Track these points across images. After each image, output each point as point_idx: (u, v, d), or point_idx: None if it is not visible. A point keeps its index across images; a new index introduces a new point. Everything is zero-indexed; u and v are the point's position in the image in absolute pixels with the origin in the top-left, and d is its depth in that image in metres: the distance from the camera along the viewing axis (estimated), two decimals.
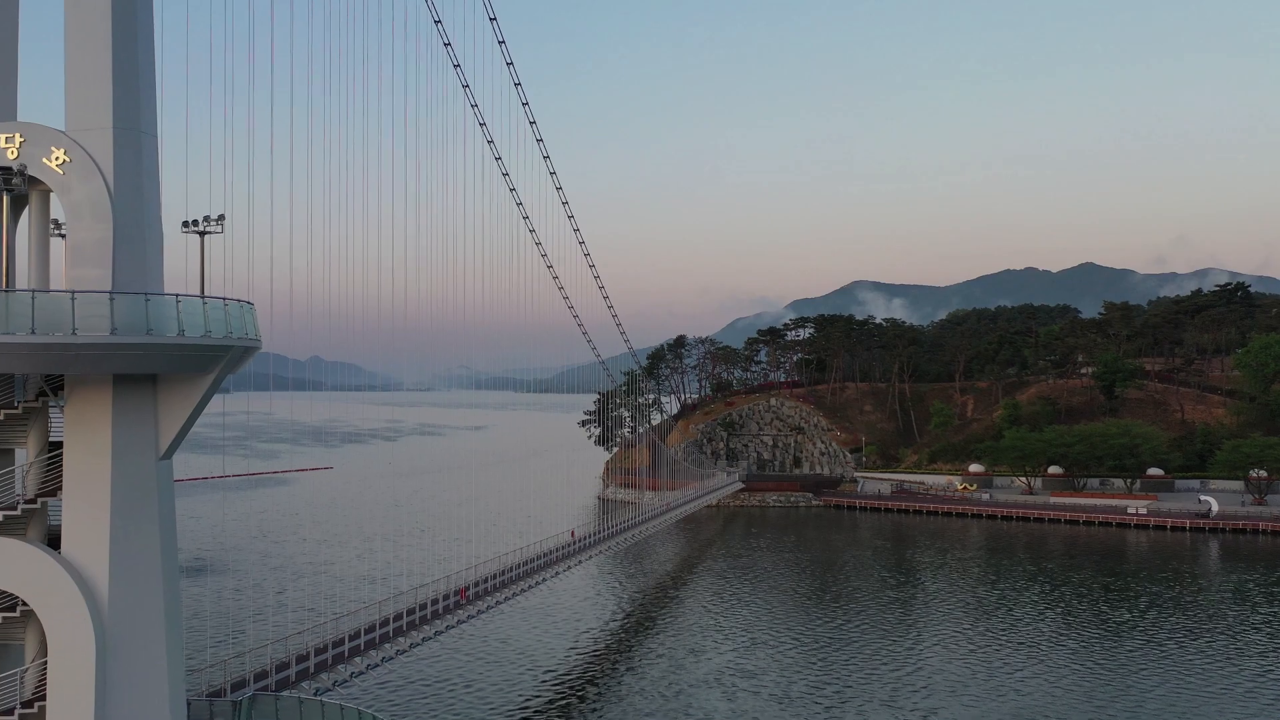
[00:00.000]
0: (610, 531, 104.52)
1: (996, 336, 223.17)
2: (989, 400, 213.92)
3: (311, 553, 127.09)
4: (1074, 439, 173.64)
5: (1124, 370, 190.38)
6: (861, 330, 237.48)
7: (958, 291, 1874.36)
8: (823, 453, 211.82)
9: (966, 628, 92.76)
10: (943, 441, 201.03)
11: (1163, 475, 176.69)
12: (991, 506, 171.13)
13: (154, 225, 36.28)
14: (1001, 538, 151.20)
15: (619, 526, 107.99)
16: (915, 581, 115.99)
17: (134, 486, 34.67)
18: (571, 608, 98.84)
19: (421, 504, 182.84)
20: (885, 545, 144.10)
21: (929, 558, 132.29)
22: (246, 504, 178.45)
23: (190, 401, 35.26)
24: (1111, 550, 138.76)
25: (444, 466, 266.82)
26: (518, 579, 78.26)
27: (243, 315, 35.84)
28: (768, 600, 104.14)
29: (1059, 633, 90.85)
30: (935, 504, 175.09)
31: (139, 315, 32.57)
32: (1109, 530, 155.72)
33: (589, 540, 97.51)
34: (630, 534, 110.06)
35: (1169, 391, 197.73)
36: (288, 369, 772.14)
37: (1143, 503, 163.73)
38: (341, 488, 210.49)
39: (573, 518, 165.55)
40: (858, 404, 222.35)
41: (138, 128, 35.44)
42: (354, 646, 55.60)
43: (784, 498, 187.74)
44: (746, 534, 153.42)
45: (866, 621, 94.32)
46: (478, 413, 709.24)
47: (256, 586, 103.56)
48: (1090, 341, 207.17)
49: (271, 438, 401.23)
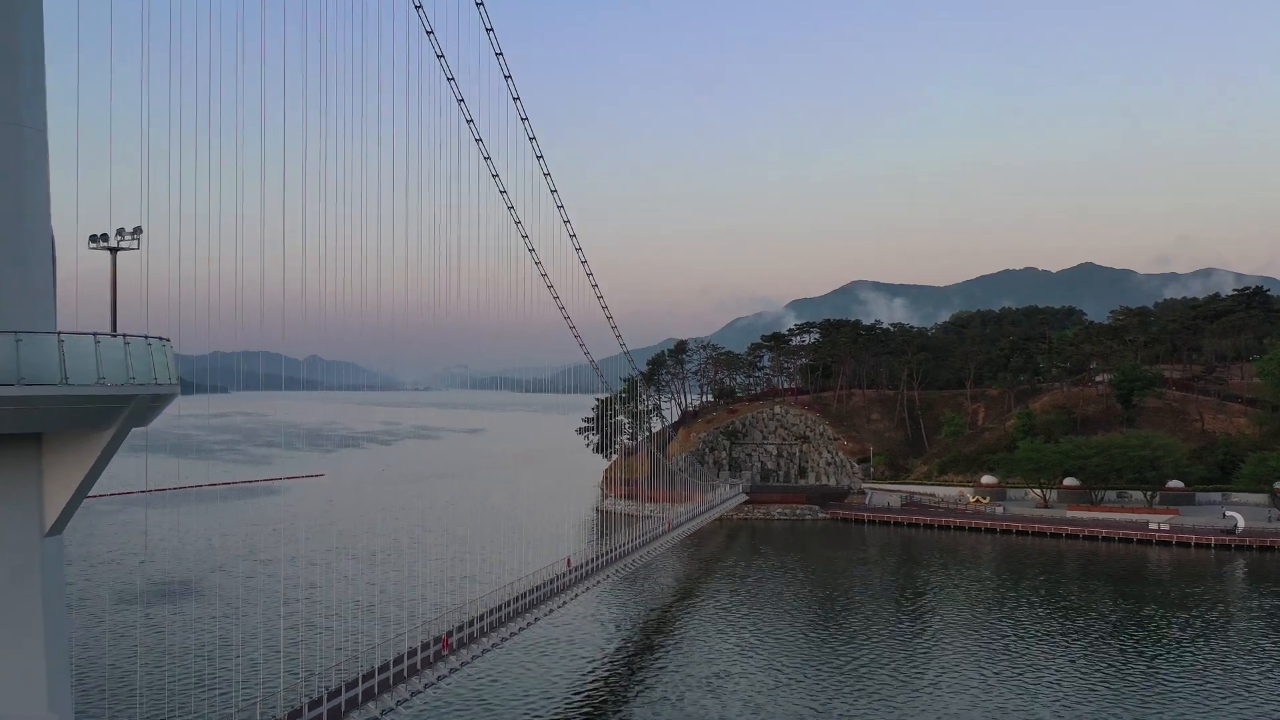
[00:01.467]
0: (608, 558, 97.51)
1: (1009, 342, 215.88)
2: (1001, 408, 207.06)
3: (288, 581, 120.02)
4: (1091, 451, 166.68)
5: (1142, 379, 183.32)
6: (869, 335, 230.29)
7: (958, 291, 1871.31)
8: (829, 463, 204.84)
9: (979, 655, 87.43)
10: (954, 452, 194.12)
11: (1183, 488, 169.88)
12: (1005, 521, 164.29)
13: (40, 241, 29.23)
14: (1016, 554, 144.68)
15: (618, 551, 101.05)
16: (926, 605, 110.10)
17: (10, 572, 27.68)
18: (566, 638, 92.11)
19: (413, 516, 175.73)
20: (894, 563, 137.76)
21: (940, 578, 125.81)
22: (234, 515, 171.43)
23: (84, 464, 28.21)
24: (1133, 569, 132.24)
25: (438, 473, 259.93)
26: (508, 620, 71.42)
27: (150, 356, 28.73)
28: (771, 629, 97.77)
29: (1078, 662, 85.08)
30: (946, 518, 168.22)
31: (8, 358, 25.59)
32: (1129, 547, 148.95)
33: (586, 570, 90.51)
34: (631, 559, 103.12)
35: (1188, 400, 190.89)
36: (287, 369, 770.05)
37: (1164, 518, 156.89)
38: (333, 497, 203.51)
39: (570, 533, 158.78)
40: (865, 412, 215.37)
41: (18, 120, 28.47)
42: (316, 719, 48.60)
43: (789, 510, 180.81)
44: (749, 551, 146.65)
45: (873, 655, 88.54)
46: (475, 414, 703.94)
47: (209, 631, 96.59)
48: (1106, 348, 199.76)
49: (265, 441, 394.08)
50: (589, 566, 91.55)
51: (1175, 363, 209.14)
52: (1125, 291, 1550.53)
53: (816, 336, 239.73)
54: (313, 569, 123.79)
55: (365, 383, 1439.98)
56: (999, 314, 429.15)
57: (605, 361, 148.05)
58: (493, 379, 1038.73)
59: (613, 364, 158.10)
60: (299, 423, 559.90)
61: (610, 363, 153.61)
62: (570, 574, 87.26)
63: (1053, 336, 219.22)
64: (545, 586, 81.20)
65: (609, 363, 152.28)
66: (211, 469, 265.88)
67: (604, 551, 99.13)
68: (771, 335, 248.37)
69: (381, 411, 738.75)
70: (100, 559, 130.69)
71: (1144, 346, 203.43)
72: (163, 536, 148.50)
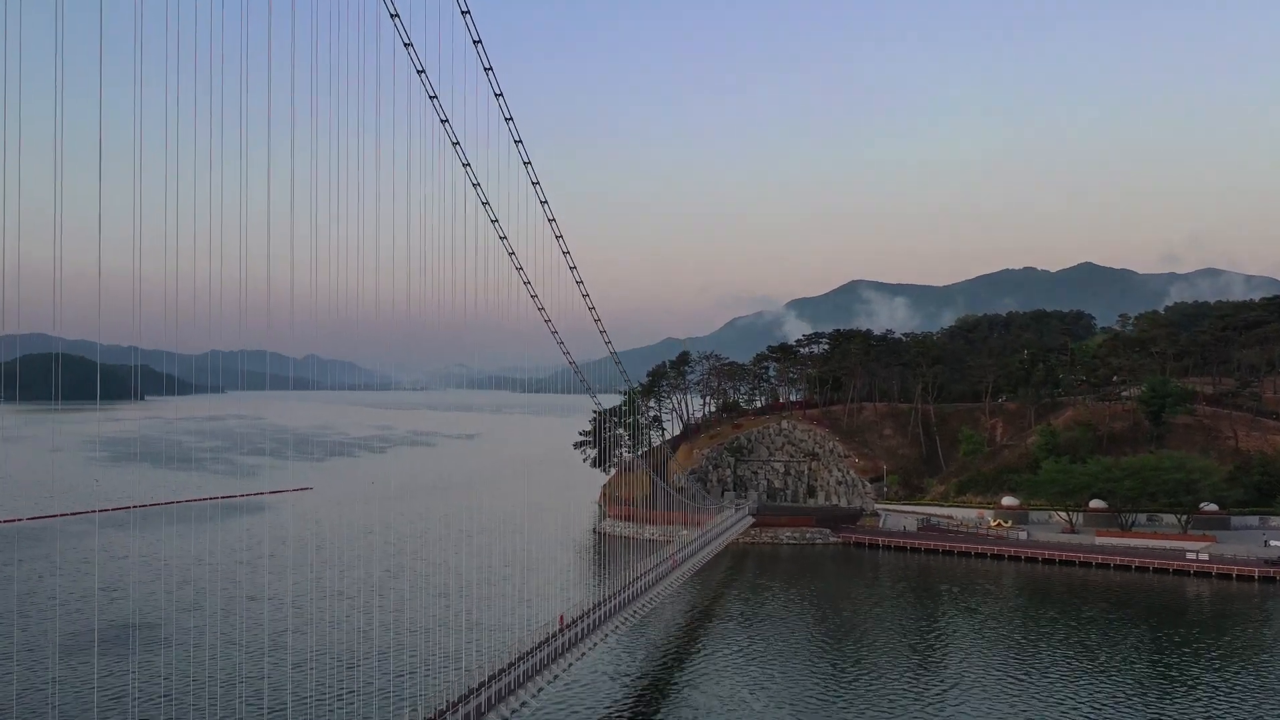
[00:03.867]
0: (606, 611, 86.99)
1: (1029, 354, 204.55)
2: (1020, 423, 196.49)
3: (250, 622, 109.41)
4: (1122, 473, 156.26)
5: (1174, 394, 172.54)
6: (881, 346, 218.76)
7: (959, 291, 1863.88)
8: (839, 481, 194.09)
9: (1002, 705, 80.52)
10: (972, 470, 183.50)
11: (1217, 511, 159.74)
12: (1030, 547, 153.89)
13: None
14: (1042, 585, 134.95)
15: (615, 603, 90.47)
16: (944, 646, 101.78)
17: None
18: (562, 681, 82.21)
19: (397, 540, 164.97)
20: (911, 595, 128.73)
21: (961, 617, 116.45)
22: (213, 537, 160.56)
23: None
24: (1170, 604, 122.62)
25: (429, 487, 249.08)
26: (493, 704, 61.14)
27: None
28: (782, 679, 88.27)
29: (1106, 710, 78.28)
30: (967, 544, 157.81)
31: None
32: (1165, 578, 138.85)
33: (580, 630, 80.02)
34: (631, 610, 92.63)
35: (1219, 416, 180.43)
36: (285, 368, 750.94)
37: (1201, 545, 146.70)
38: (317, 517, 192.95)
39: (566, 563, 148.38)
40: (876, 426, 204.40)
41: None
42: None
43: (798, 534, 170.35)
44: (756, 583, 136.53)
45: (890, 708, 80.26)
46: (471, 417, 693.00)
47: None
48: (1134, 362, 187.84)
49: (255, 449, 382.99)
50: (584, 625, 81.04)
51: (1204, 376, 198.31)
52: (1126, 292, 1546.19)
53: (825, 346, 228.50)
54: (277, 611, 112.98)
55: (363, 382, 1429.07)
56: (1006, 318, 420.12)
57: (599, 363, 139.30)
58: (490, 378, 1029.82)
59: (607, 365, 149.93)
60: (292, 427, 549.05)
61: (603, 365, 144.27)
62: (564, 634, 76.98)
63: (1074, 347, 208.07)
64: (537, 651, 70.95)
65: (598, 365, 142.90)
66: (196, 481, 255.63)
67: (601, 601, 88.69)
68: (779, 346, 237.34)
69: (377, 414, 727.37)
70: (70, 593, 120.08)
71: (1174, 360, 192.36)
72: (136, 564, 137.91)
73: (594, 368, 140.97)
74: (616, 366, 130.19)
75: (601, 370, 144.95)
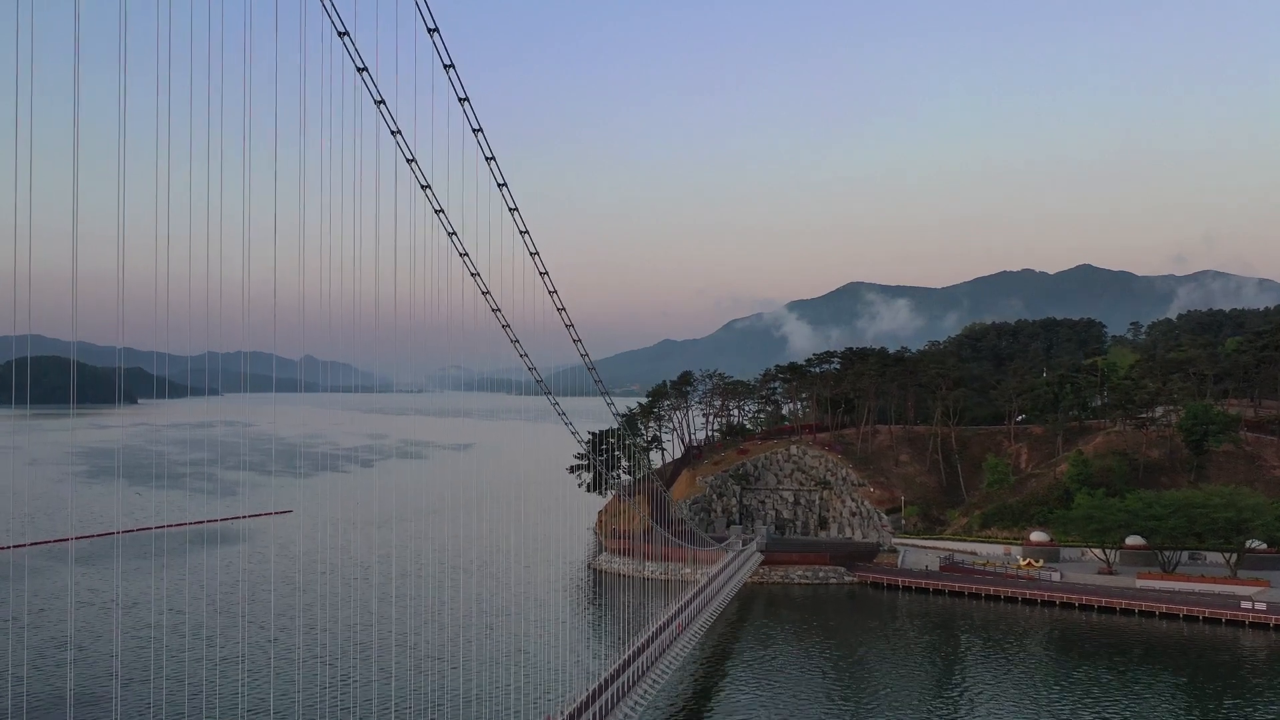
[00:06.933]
0: (603, 705, 73.88)
1: (1057, 376, 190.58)
2: (1046, 448, 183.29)
3: (193, 692, 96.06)
4: (1165, 510, 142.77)
5: (1217, 421, 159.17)
6: (897, 366, 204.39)
7: (959, 293, 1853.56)
8: (853, 513, 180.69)
9: None
10: (997, 502, 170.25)
11: (1266, 549, 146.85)
12: (1065, 591, 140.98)
13: None
14: (1078, 635, 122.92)
15: (612, 695, 77.34)
16: (969, 707, 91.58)
17: None
18: None
19: (374, 579, 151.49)
20: (935, 647, 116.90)
21: (990, 676, 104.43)
22: (183, 570, 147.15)
23: None
24: (1225, 662, 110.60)
25: (416, 511, 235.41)
26: None
27: None
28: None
29: None
30: (995, 586, 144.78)
31: None
32: (1217, 630, 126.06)
33: None
34: (632, 699, 79.55)
35: (1263, 444, 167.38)
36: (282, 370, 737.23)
37: (1254, 590, 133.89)
38: (293, 549, 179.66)
39: (557, 610, 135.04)
40: (892, 452, 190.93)
41: None
42: None
43: (810, 572, 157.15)
44: (763, 633, 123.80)
45: None
46: (465, 424, 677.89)
47: None
48: (1172, 385, 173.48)
49: (239, 463, 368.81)
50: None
51: (1244, 399, 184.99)
52: (1125, 293, 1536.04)
53: (836, 365, 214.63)
54: (231, 667, 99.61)
55: (359, 384, 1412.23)
56: (1015, 326, 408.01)
57: (598, 363, 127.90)
58: (487, 380, 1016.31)
59: (606, 366, 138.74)
60: (282, 436, 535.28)
61: (603, 365, 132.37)
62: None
63: (1102, 366, 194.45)
64: None
65: (602, 365, 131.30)
66: (175, 501, 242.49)
67: (593, 694, 75.66)
68: (787, 366, 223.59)
69: (370, 421, 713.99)
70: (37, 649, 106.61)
71: (1215, 383, 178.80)
72: (100, 612, 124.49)
73: (566, 375, 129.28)
74: (590, 374, 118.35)
75: (580, 377, 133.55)
